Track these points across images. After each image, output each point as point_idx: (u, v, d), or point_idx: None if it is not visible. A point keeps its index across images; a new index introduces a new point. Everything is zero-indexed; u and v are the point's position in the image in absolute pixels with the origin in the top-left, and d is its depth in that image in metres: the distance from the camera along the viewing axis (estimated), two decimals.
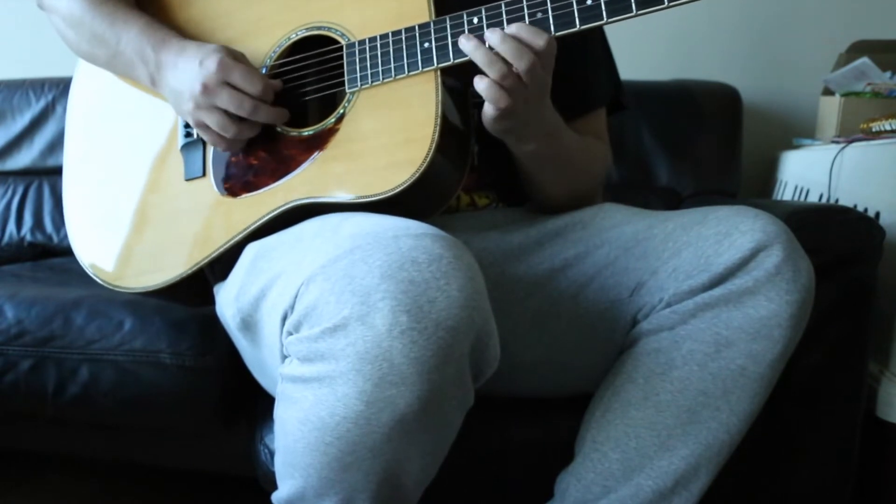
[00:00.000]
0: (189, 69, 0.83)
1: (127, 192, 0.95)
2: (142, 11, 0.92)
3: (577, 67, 0.94)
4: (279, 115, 0.84)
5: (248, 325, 0.78)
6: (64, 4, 0.93)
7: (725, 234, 0.75)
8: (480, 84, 0.74)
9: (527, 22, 0.74)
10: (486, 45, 0.74)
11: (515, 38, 0.73)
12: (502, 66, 0.73)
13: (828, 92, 1.53)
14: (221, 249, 0.86)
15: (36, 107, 1.71)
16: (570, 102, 0.95)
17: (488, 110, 0.77)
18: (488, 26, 0.75)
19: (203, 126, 0.85)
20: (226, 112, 0.82)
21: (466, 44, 0.75)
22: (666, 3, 0.70)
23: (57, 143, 1.67)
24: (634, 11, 0.70)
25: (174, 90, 0.86)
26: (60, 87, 1.70)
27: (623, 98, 1.02)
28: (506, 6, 0.75)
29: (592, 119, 0.98)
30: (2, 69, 1.87)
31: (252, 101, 0.82)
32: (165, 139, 0.93)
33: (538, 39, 0.73)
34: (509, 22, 0.75)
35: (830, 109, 1.47)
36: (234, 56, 0.83)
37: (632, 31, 1.01)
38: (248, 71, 0.82)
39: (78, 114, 1.03)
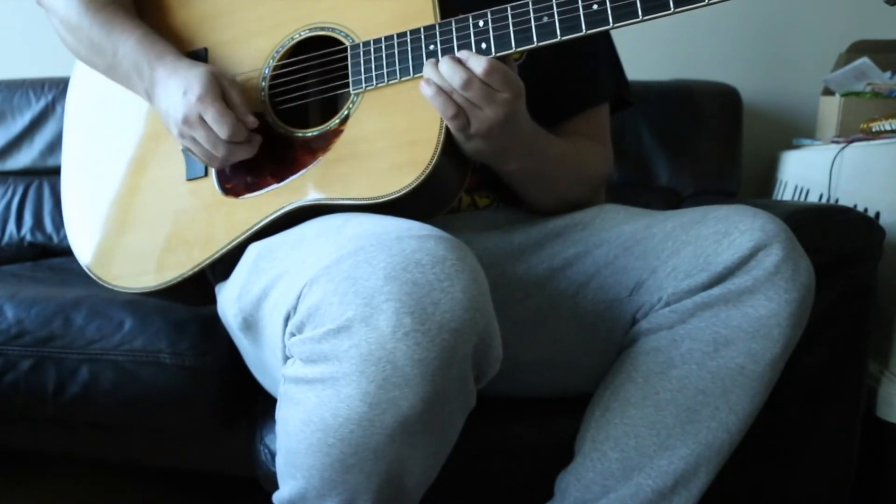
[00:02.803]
0: (174, 95, 0.83)
1: (127, 191, 0.95)
2: (140, 20, 0.91)
3: (577, 64, 0.94)
4: (254, 149, 0.84)
5: (250, 325, 0.78)
6: (62, 7, 0.92)
7: (725, 234, 0.75)
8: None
9: (533, 26, 0.74)
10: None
11: (454, 60, 0.74)
12: (450, 85, 0.74)
13: (828, 92, 1.53)
14: (224, 250, 0.86)
15: (36, 107, 1.71)
16: (567, 99, 0.95)
17: (456, 136, 0.77)
18: (494, 29, 0.75)
19: (189, 150, 0.86)
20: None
21: (427, 70, 0.76)
22: (672, 9, 0.70)
23: (57, 143, 1.67)
24: (640, 17, 0.71)
25: (162, 110, 0.86)
26: (60, 87, 1.70)
27: (627, 95, 1.02)
28: (511, 10, 0.75)
29: (592, 117, 0.98)
30: (2, 69, 1.87)
31: (226, 144, 0.81)
32: (166, 139, 0.93)
33: (477, 66, 0.73)
34: (515, 25, 0.75)
35: (830, 109, 1.47)
36: (218, 87, 0.82)
37: (632, 31, 1.00)
38: (219, 112, 0.80)
39: (76, 113, 1.02)
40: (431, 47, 0.78)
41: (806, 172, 1.46)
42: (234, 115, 0.81)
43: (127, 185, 0.95)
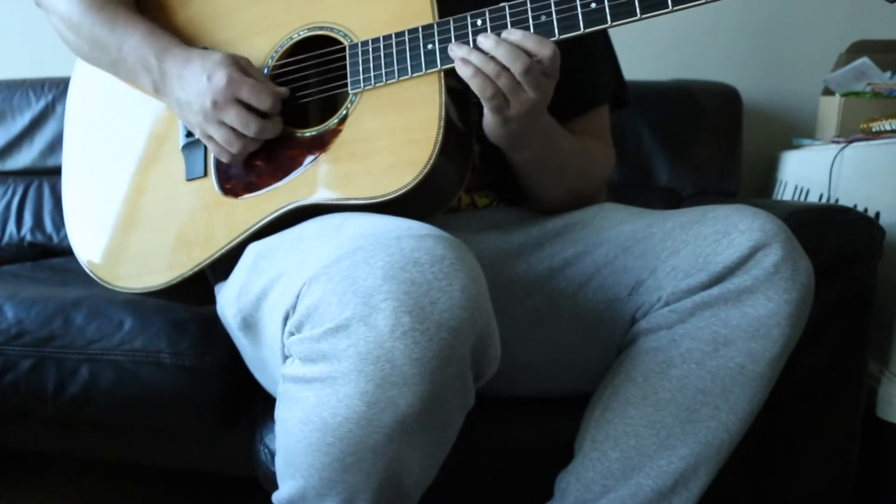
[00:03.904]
0: (196, 82, 0.83)
1: (127, 191, 0.95)
2: (143, 16, 0.91)
3: (578, 65, 0.94)
4: (279, 127, 0.84)
5: (250, 324, 0.78)
6: (62, 6, 0.92)
7: (724, 233, 0.75)
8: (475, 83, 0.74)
9: (531, 25, 0.74)
10: (479, 50, 0.74)
11: (512, 44, 0.73)
12: (495, 66, 0.74)
13: (828, 92, 1.53)
14: (223, 250, 0.86)
15: (36, 107, 1.71)
16: (570, 100, 0.95)
17: (488, 116, 0.77)
18: (492, 28, 0.75)
19: (209, 138, 0.85)
20: (233, 128, 0.82)
21: (457, 50, 0.75)
22: (670, 7, 0.70)
23: (57, 143, 1.67)
24: (639, 15, 0.71)
25: (180, 101, 0.86)
26: (60, 87, 1.71)
27: (626, 94, 1.02)
28: (510, 8, 0.75)
29: (594, 117, 0.98)
30: (2, 69, 1.87)
31: (259, 121, 0.82)
32: (166, 139, 0.93)
33: (543, 49, 0.73)
34: (513, 24, 0.75)
35: (830, 109, 1.47)
36: (241, 68, 0.83)
37: (632, 31, 1.00)
38: (256, 86, 0.81)
39: (77, 113, 1.02)
40: (430, 46, 0.78)
41: (806, 172, 1.46)
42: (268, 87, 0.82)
43: (127, 186, 0.95)
